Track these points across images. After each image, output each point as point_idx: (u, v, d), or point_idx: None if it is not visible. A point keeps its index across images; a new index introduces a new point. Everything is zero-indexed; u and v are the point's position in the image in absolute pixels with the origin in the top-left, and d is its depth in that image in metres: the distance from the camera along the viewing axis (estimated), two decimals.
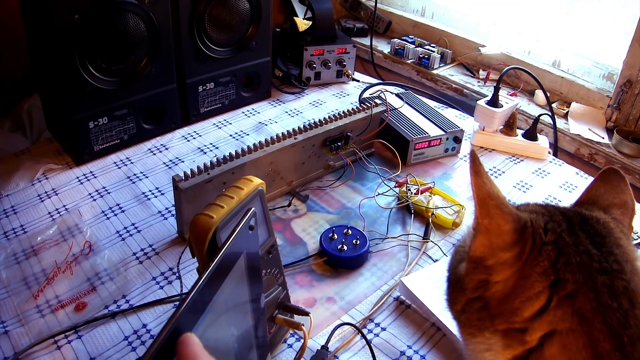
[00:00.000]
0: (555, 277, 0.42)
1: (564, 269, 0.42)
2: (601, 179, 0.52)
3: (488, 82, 1.61)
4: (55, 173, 1.11)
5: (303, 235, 0.97)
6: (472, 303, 0.47)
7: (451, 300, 0.50)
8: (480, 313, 0.46)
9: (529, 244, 0.44)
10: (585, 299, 0.41)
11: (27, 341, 0.76)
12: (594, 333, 0.40)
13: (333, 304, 0.84)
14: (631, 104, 1.37)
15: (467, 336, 0.47)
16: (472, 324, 0.47)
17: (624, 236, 0.46)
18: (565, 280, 0.42)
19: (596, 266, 0.42)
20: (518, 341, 0.43)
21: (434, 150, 1.19)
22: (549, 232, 0.44)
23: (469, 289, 0.47)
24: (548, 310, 0.42)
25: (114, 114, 1.13)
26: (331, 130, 1.06)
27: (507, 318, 0.44)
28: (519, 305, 0.43)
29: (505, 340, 0.44)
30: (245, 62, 1.32)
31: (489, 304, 0.45)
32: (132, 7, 1.05)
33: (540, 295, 0.43)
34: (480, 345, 0.46)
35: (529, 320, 0.43)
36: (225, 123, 1.31)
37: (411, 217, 1.01)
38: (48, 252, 0.91)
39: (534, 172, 1.19)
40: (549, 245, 0.44)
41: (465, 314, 0.48)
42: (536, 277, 0.43)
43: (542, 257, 0.43)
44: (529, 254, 0.44)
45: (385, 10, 1.93)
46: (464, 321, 0.48)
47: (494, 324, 0.45)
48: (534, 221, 0.45)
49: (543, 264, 0.43)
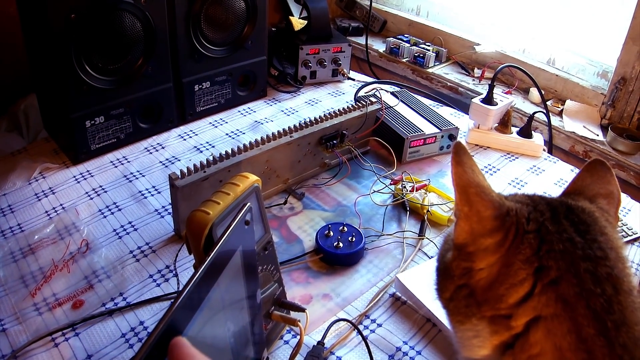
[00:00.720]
0: (539, 264, 0.43)
1: (547, 257, 0.43)
2: (587, 170, 0.53)
3: (483, 80, 1.61)
4: (52, 172, 1.11)
5: (299, 233, 0.98)
6: (460, 290, 0.48)
7: (440, 288, 0.51)
8: (467, 300, 0.47)
9: (512, 232, 0.45)
10: (569, 285, 0.42)
11: (24, 339, 0.76)
12: (578, 318, 0.41)
13: (329, 300, 0.85)
14: (625, 101, 1.37)
15: (455, 324, 0.48)
16: (460, 312, 0.47)
17: (609, 225, 0.47)
18: (548, 267, 0.43)
19: (579, 253, 0.43)
20: (504, 327, 0.44)
21: (429, 148, 1.20)
22: (531, 222, 0.45)
23: (456, 276, 0.48)
24: (532, 297, 0.43)
25: (111, 113, 1.13)
26: (327, 128, 1.07)
27: (493, 305, 0.45)
28: (504, 292, 0.44)
29: (492, 326, 0.45)
30: (241, 61, 1.33)
31: (475, 291, 0.46)
32: (128, 6, 1.06)
33: (524, 282, 0.43)
34: (468, 332, 0.46)
35: (514, 307, 0.44)
36: (221, 122, 1.31)
37: (406, 215, 1.02)
38: (45, 250, 0.92)
39: (529, 170, 1.20)
40: (531, 234, 0.44)
41: (453, 301, 0.48)
42: (519, 265, 0.44)
43: (524, 245, 0.44)
44: (512, 241, 0.45)
45: (381, 10, 1.94)
46: (452, 309, 0.49)
47: (481, 311, 0.46)
48: (517, 210, 0.46)
49: (525, 252, 0.44)
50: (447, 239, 0.54)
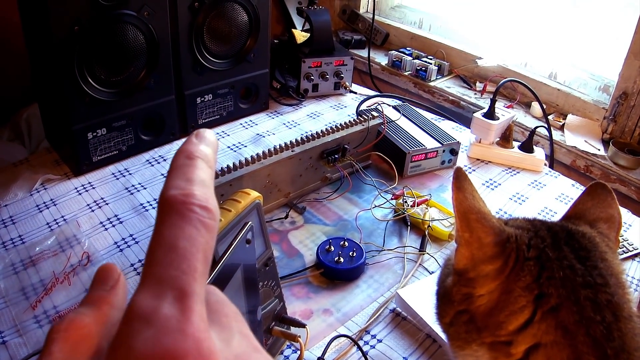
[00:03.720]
0: (539, 291, 0.43)
1: (547, 284, 0.43)
2: (588, 194, 0.53)
3: (485, 94, 1.62)
4: (53, 183, 1.11)
5: (300, 247, 0.98)
6: (460, 316, 0.48)
7: (440, 313, 0.51)
8: (467, 326, 0.47)
9: (512, 258, 0.45)
10: (569, 312, 0.42)
11: (25, 352, 0.76)
12: (578, 345, 0.41)
13: (329, 315, 0.85)
14: (627, 116, 1.38)
15: (455, 349, 0.48)
16: (460, 337, 0.47)
17: (609, 250, 0.47)
18: (548, 295, 0.43)
19: (580, 280, 0.43)
20: (504, 354, 0.44)
21: (431, 162, 1.20)
22: (531, 248, 0.45)
23: (456, 301, 0.48)
24: (532, 324, 0.43)
25: (113, 124, 1.13)
26: (328, 142, 1.07)
27: (493, 331, 0.45)
28: (504, 319, 0.44)
29: (492, 352, 0.45)
30: (243, 74, 1.33)
31: (475, 317, 0.46)
32: (131, 19, 1.06)
33: (524, 309, 0.43)
34: (468, 357, 0.46)
35: (514, 334, 0.44)
36: (223, 135, 1.32)
37: (407, 230, 1.02)
38: (46, 262, 0.92)
39: (530, 184, 1.20)
40: (531, 261, 0.45)
41: (453, 326, 0.48)
42: (519, 292, 0.44)
43: (524, 272, 0.44)
44: (512, 268, 0.45)
45: (383, 23, 1.95)
46: (452, 334, 0.49)
47: (481, 337, 0.46)
48: (518, 237, 0.46)
49: (525, 279, 0.44)
50: (447, 263, 0.54)
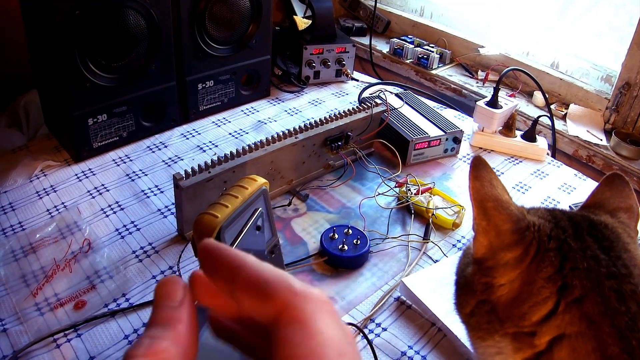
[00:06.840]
0: (563, 282, 0.43)
1: (571, 275, 0.43)
2: (606, 184, 0.53)
3: (487, 82, 1.61)
4: (53, 170, 1.10)
5: (303, 235, 0.97)
6: (481, 306, 0.47)
7: (460, 303, 0.50)
8: (489, 316, 0.46)
9: (533, 248, 0.44)
10: (593, 303, 0.41)
11: (26, 339, 0.75)
12: (603, 336, 0.40)
13: (334, 303, 0.84)
14: (629, 106, 1.37)
15: (476, 340, 0.47)
16: (482, 327, 0.47)
17: (631, 240, 0.46)
18: (572, 286, 0.42)
19: (604, 271, 0.42)
20: (528, 344, 0.43)
21: (434, 150, 1.19)
22: (552, 239, 0.45)
23: (478, 291, 0.47)
24: (556, 315, 0.42)
25: (113, 111, 1.12)
26: (332, 129, 1.06)
27: (516, 322, 0.44)
28: (527, 310, 0.43)
29: (515, 343, 0.44)
30: (244, 61, 1.32)
31: (497, 307, 0.46)
32: (132, 4, 1.05)
33: (547, 300, 0.43)
34: (490, 348, 0.46)
35: (537, 325, 0.43)
36: (224, 121, 1.30)
37: (411, 218, 1.01)
38: (47, 249, 0.91)
39: (532, 174, 1.19)
40: (552, 252, 0.44)
41: (474, 317, 0.48)
42: (542, 283, 0.43)
43: (545, 263, 0.44)
44: (532, 258, 0.44)
45: (385, 10, 1.93)
46: (473, 324, 0.48)
47: (504, 328, 0.45)
48: (540, 226, 0.45)
49: (547, 270, 0.43)
50: (467, 252, 0.53)
